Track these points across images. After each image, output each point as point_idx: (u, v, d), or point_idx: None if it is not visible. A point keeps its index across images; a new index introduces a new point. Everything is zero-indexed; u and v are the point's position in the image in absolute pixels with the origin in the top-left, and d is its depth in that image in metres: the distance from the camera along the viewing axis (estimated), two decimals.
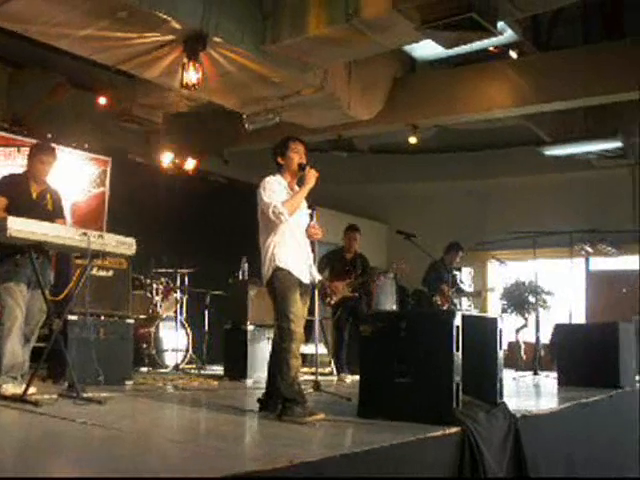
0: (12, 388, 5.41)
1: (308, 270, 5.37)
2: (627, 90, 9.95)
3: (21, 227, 5.06)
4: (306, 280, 5.32)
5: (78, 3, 7.53)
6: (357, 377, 5.31)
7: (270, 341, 8.48)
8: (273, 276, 5.14)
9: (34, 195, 5.98)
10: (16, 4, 7.45)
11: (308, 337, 6.33)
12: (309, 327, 5.95)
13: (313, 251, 5.54)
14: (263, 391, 5.44)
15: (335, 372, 9.19)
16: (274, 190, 5.22)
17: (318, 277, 5.55)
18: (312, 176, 5.32)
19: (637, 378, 8.64)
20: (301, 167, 5.38)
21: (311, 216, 5.53)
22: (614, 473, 6.55)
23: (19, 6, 7.50)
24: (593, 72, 10.01)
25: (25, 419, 4.68)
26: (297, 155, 5.42)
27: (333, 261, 9.22)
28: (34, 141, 8.87)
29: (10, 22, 7.98)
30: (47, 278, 5.95)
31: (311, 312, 5.89)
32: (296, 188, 5.43)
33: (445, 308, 9.81)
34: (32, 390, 5.29)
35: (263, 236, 5.29)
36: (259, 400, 5.36)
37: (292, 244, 5.24)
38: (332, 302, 8.96)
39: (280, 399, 4.94)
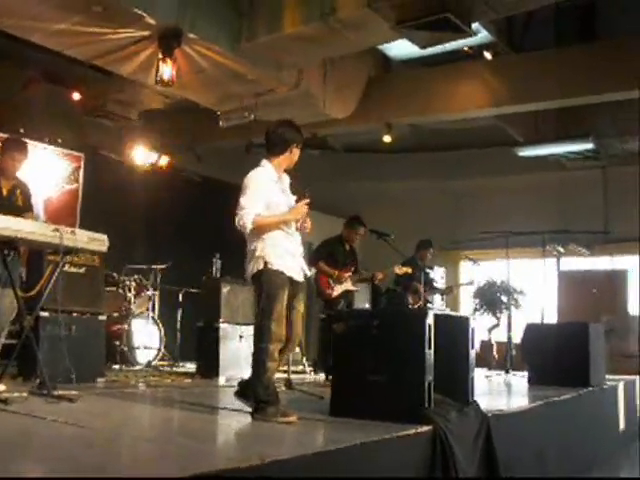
0: None
1: (300, 266, 5.12)
2: (599, 92, 10.07)
3: None
4: (299, 277, 5.08)
5: None
6: None
7: (242, 339, 8.55)
8: (261, 274, 4.88)
9: (4, 191, 5.94)
10: None
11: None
12: None
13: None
14: (244, 380, 5.14)
15: (320, 374, 8.74)
16: (256, 191, 4.91)
17: (308, 272, 5.29)
18: (299, 211, 5.01)
19: (606, 377, 8.75)
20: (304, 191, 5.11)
21: None
22: (584, 470, 6.63)
23: None
24: (566, 74, 10.10)
25: None
26: (297, 156, 5.17)
27: (333, 250, 8.68)
28: (5, 135, 8.80)
29: None
30: (16, 274, 5.90)
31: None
32: (284, 179, 5.20)
33: (418, 307, 9.81)
34: (2, 388, 5.24)
35: (253, 231, 4.94)
36: (239, 384, 5.13)
37: (283, 240, 4.99)
38: (334, 294, 8.46)
39: (254, 398, 4.87)
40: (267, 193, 4.99)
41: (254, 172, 5.05)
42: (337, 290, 8.50)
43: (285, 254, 4.99)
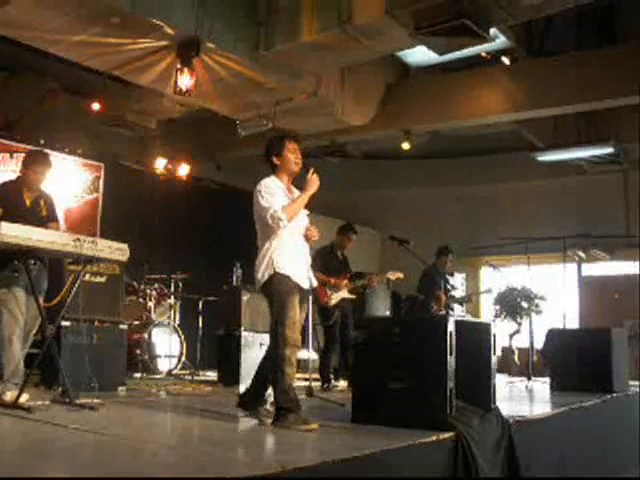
0: (13, 395, 5.36)
1: (307, 275, 5.18)
2: (619, 96, 10.01)
3: (14, 233, 5.04)
4: (305, 285, 5.13)
5: (71, 9, 7.54)
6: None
7: (263, 347, 8.52)
8: (271, 281, 4.95)
9: (28, 202, 5.97)
10: (9, 10, 7.45)
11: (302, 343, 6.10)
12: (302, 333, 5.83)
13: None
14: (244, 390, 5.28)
15: (325, 380, 8.46)
16: (272, 193, 5.01)
17: (315, 283, 5.37)
18: (314, 181, 5.10)
19: (629, 383, 8.67)
20: (305, 168, 5.16)
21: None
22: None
23: (12, 12, 7.50)
24: (585, 78, 10.06)
25: (18, 425, 4.66)
26: (293, 155, 5.20)
27: (326, 258, 8.62)
28: (27, 147, 8.88)
29: (3, 28, 7.99)
30: (43, 284, 5.93)
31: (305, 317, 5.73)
32: (294, 190, 5.25)
33: (439, 314, 9.76)
34: (25, 396, 5.27)
35: (261, 240, 5.09)
36: (239, 395, 5.25)
37: (291, 249, 5.05)
38: (332, 302, 8.37)
39: (275, 406, 4.88)
40: (279, 197, 5.06)
41: (262, 180, 5.14)
42: (334, 298, 8.42)
43: (290, 262, 5.03)
